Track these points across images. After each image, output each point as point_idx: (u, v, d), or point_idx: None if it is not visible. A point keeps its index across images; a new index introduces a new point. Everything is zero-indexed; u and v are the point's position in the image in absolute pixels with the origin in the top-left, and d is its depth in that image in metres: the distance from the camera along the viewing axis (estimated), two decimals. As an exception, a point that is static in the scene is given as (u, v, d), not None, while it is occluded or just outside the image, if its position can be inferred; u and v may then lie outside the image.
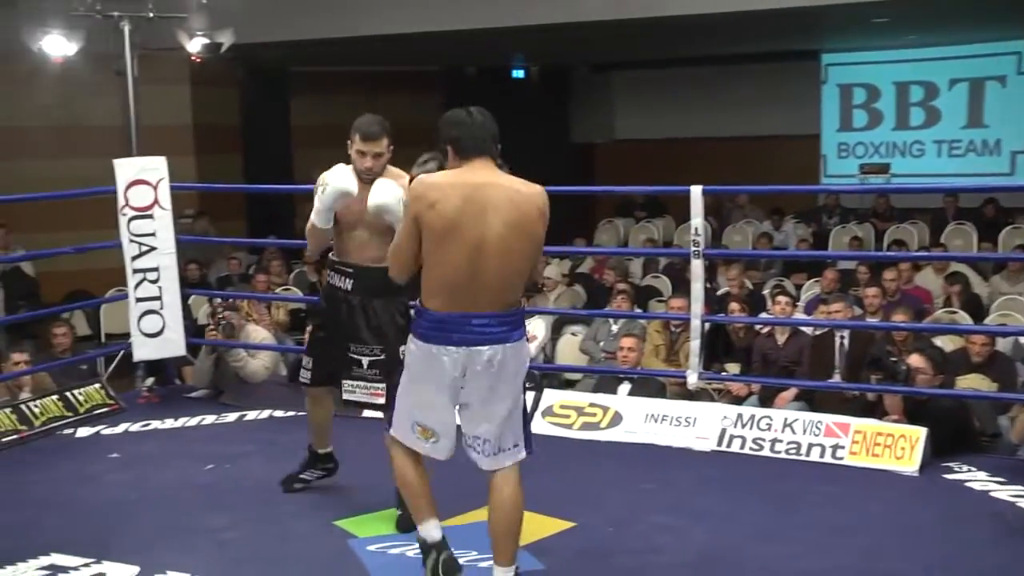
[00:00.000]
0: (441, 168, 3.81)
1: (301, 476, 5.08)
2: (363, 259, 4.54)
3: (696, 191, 5.83)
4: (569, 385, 7.30)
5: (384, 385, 4.47)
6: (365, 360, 4.57)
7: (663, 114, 17.85)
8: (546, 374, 7.40)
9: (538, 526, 4.57)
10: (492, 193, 3.56)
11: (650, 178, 13.19)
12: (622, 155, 18.32)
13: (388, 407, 4.11)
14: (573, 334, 8.50)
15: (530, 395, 3.94)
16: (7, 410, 6.06)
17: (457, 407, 3.76)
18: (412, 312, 3.99)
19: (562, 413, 6.11)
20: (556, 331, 8.59)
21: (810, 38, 15.03)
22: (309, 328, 5.26)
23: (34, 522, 4.67)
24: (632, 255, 12.24)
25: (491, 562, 3.85)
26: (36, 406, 6.22)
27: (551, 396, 6.24)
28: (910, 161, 15.72)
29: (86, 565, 4.26)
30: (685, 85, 17.51)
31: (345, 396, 4.66)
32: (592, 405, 6.14)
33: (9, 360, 6.97)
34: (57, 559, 4.32)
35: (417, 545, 4.13)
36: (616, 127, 18.84)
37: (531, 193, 3.64)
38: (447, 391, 3.68)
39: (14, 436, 5.92)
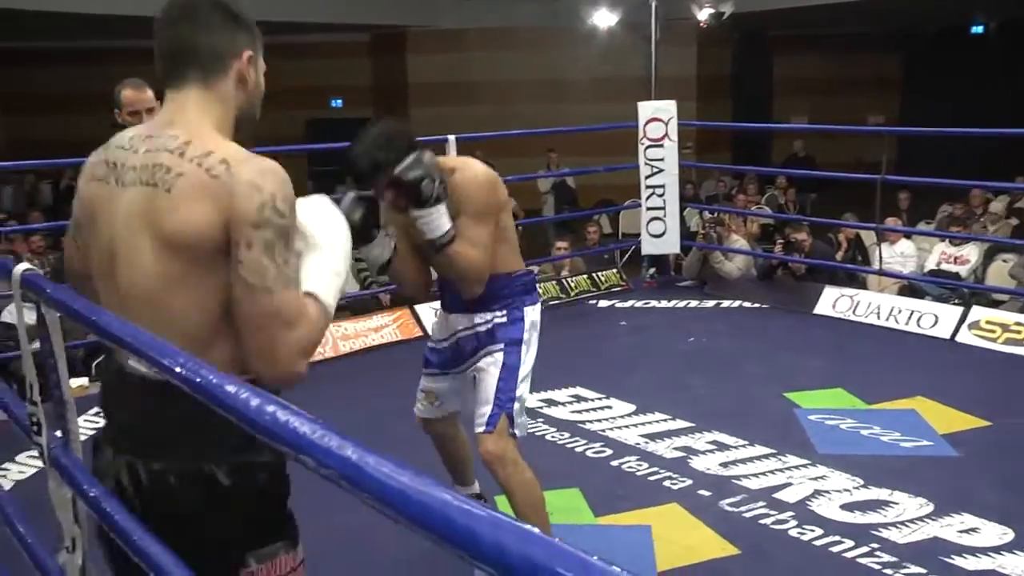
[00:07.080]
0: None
1: None
2: None
3: None
4: (995, 305, 6.52)
5: None
6: None
7: None
8: (975, 293, 6.68)
9: (958, 421, 4.20)
10: None
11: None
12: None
13: (497, 405, 2.63)
14: (1004, 260, 7.55)
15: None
16: (552, 283, 6.56)
17: None
18: (508, 285, 2.70)
19: (988, 328, 5.48)
20: (989, 257, 7.68)
21: None
22: None
23: (569, 363, 5.04)
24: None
25: (915, 442, 3.58)
26: (571, 281, 6.67)
27: (979, 312, 5.64)
28: None
29: (599, 398, 4.57)
30: None
31: None
32: (1018, 324, 5.43)
33: (554, 247, 7.51)
34: (580, 391, 4.67)
35: (851, 420, 3.94)
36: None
37: None
38: None
39: (556, 301, 6.41)
